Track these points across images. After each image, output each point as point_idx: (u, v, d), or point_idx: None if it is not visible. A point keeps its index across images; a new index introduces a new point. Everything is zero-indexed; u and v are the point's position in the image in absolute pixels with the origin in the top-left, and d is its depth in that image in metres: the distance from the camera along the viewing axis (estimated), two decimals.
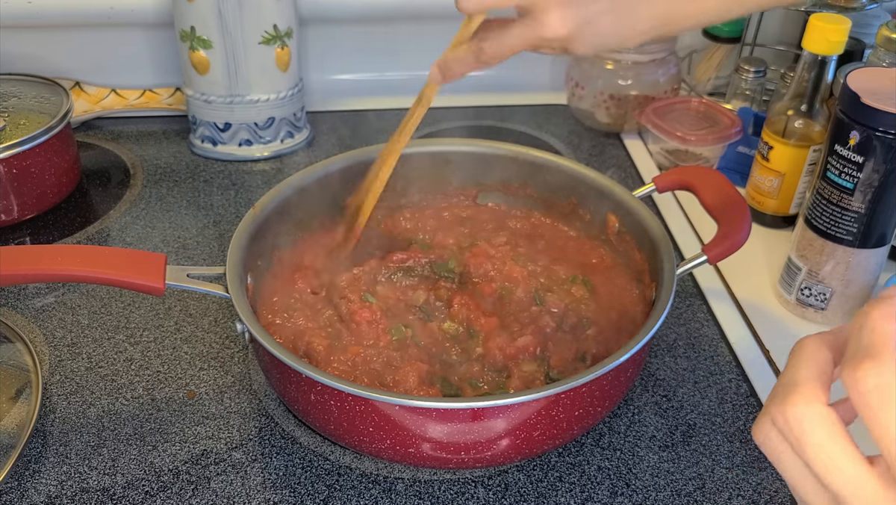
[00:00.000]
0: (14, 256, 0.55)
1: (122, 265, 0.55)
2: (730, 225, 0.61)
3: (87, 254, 0.56)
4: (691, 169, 0.67)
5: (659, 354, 0.67)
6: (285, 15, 0.88)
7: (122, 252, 0.57)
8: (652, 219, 0.64)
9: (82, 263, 0.55)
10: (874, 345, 0.30)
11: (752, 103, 0.93)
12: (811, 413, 0.31)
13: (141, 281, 0.55)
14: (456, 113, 1.03)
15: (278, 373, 0.55)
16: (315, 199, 0.70)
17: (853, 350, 0.31)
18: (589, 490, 0.56)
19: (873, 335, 0.30)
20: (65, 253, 0.56)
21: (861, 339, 0.31)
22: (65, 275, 0.55)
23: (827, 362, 0.33)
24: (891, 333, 0.30)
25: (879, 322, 0.31)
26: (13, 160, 0.78)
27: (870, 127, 0.60)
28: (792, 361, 0.34)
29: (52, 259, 0.55)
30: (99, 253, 0.57)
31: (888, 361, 0.29)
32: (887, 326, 0.30)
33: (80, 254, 0.56)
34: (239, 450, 0.58)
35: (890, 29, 0.78)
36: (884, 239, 0.66)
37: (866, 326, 0.31)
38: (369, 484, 0.56)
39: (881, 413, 0.29)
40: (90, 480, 0.55)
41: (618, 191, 0.67)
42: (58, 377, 0.64)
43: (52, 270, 0.55)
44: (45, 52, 1.00)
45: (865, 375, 0.29)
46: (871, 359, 0.29)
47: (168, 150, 0.96)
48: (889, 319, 0.31)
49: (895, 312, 0.31)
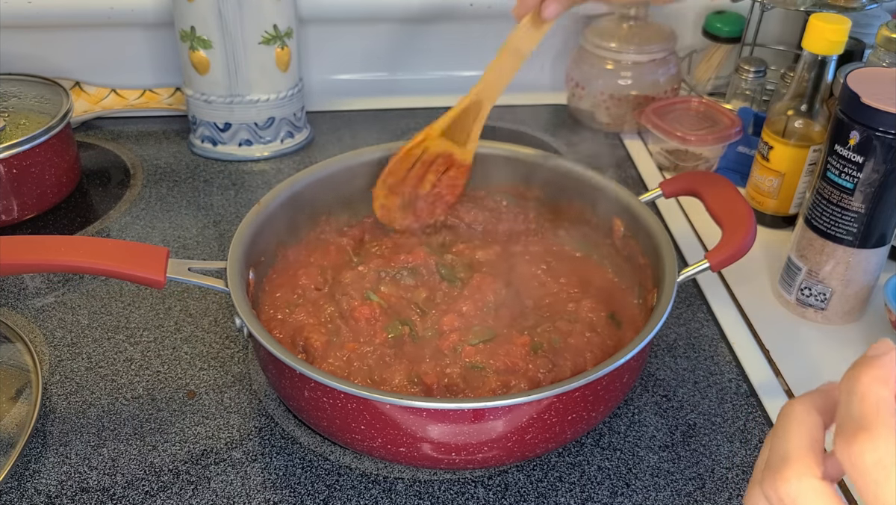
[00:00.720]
0: (16, 245, 0.55)
1: (123, 257, 0.55)
2: (734, 232, 0.60)
3: (89, 245, 0.56)
4: (698, 175, 0.67)
5: (659, 354, 0.67)
6: (285, 15, 0.88)
7: (125, 244, 0.57)
8: (657, 225, 0.63)
9: (84, 253, 0.55)
10: (866, 415, 0.28)
11: (752, 103, 0.93)
12: (805, 489, 0.29)
13: (142, 273, 0.55)
14: None
15: (274, 369, 0.55)
16: (320, 197, 0.70)
17: (845, 419, 0.29)
18: (589, 490, 0.56)
19: (864, 404, 0.29)
20: (67, 244, 0.56)
21: (851, 406, 0.29)
22: (67, 265, 0.55)
23: (817, 428, 0.31)
24: (882, 398, 0.28)
25: (870, 387, 0.29)
26: (13, 160, 0.78)
27: (870, 127, 0.60)
28: (781, 427, 0.32)
29: (54, 249, 0.55)
30: (101, 244, 0.57)
31: (884, 433, 0.27)
32: (877, 391, 0.29)
33: (83, 245, 0.56)
34: (239, 449, 0.58)
35: (890, 29, 0.78)
36: (884, 239, 0.66)
37: (856, 393, 0.29)
38: (369, 484, 0.56)
39: (881, 490, 0.27)
40: (90, 480, 0.55)
41: (624, 195, 0.67)
42: (58, 377, 0.64)
43: (54, 260, 0.55)
44: (45, 52, 1.00)
45: (862, 450, 0.28)
46: (866, 431, 0.28)
47: (168, 150, 0.96)
48: (878, 382, 0.29)
49: (885, 374, 0.29)
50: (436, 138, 0.69)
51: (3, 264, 0.53)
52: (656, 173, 0.93)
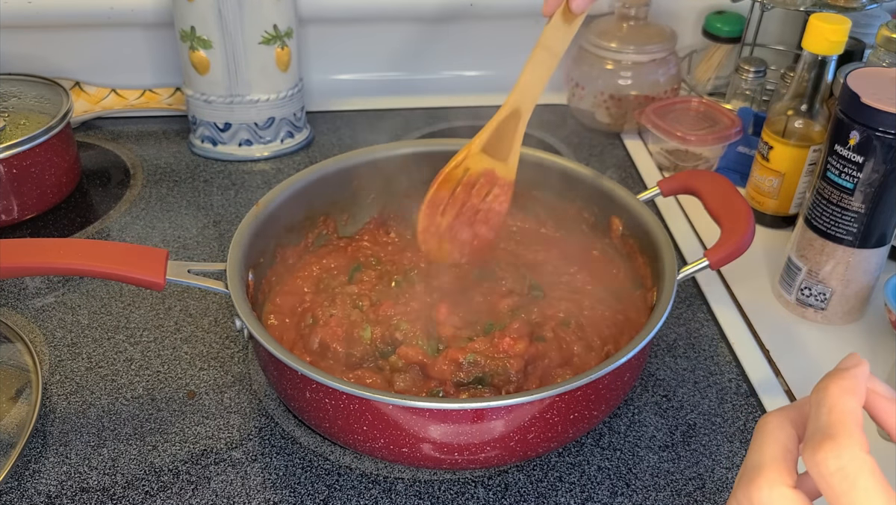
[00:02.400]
0: (15, 248, 0.55)
1: (122, 260, 0.55)
2: (733, 230, 0.60)
3: (88, 248, 0.56)
4: (696, 173, 0.67)
5: (659, 353, 0.67)
6: (285, 15, 0.88)
7: (124, 246, 0.57)
8: (655, 223, 0.63)
9: (83, 256, 0.55)
10: (832, 424, 0.29)
11: (752, 103, 0.93)
12: (776, 497, 0.30)
13: (141, 276, 0.55)
14: (456, 113, 1.03)
15: (275, 370, 0.55)
16: (320, 198, 0.70)
17: (812, 430, 0.30)
18: (589, 490, 0.56)
19: (831, 414, 0.30)
20: (66, 247, 0.56)
21: (819, 417, 0.30)
22: (66, 268, 0.55)
23: (791, 440, 0.32)
24: (849, 409, 0.29)
25: (837, 398, 0.30)
26: (13, 160, 0.78)
27: (870, 127, 0.60)
28: (756, 440, 0.33)
29: (53, 252, 0.55)
30: (100, 247, 0.57)
31: (847, 442, 0.28)
32: (845, 402, 0.30)
33: (82, 248, 0.56)
34: (239, 449, 0.58)
35: (890, 29, 0.78)
36: (884, 239, 0.66)
37: (824, 404, 0.30)
38: (369, 484, 0.56)
39: (844, 497, 0.28)
40: (90, 480, 0.55)
41: (622, 194, 0.67)
42: (58, 377, 0.64)
43: (53, 263, 0.55)
44: (45, 52, 1.00)
45: (826, 457, 0.28)
46: (831, 440, 0.29)
47: (168, 150, 0.96)
48: (847, 393, 0.30)
49: (852, 385, 0.30)
50: (476, 155, 0.63)
51: (2, 267, 0.53)
52: (656, 173, 0.93)
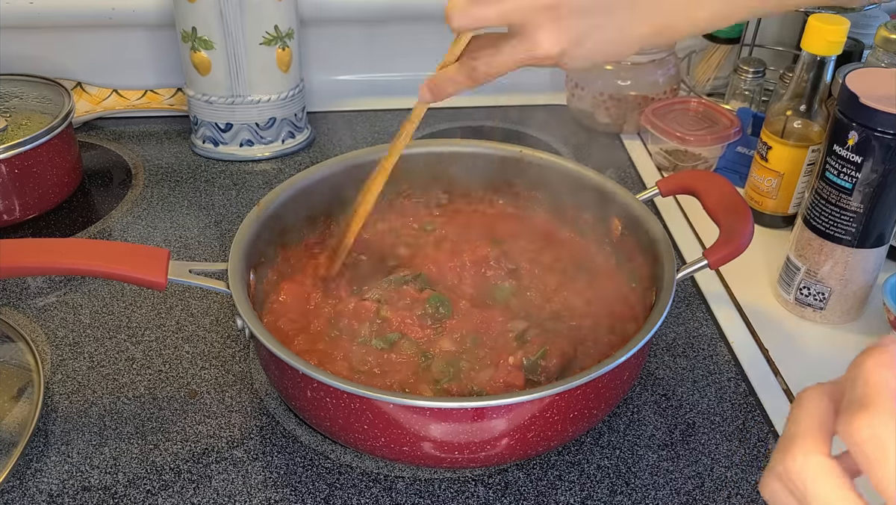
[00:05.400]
0: (17, 248, 0.55)
1: (124, 259, 0.55)
2: (732, 230, 0.61)
3: (90, 247, 0.56)
4: (695, 173, 0.67)
5: (658, 353, 0.68)
6: (286, 16, 0.89)
7: (125, 246, 0.57)
8: (655, 223, 0.63)
9: (85, 256, 0.55)
10: (867, 395, 0.30)
11: (750, 104, 0.94)
12: (812, 465, 0.31)
13: (143, 276, 0.55)
14: (456, 113, 1.04)
15: (276, 369, 0.56)
16: (321, 199, 0.70)
17: (848, 401, 0.31)
18: (588, 489, 0.56)
19: (867, 386, 0.30)
20: (68, 246, 0.56)
21: (855, 389, 0.30)
22: (68, 268, 0.55)
23: (827, 413, 0.33)
24: (884, 381, 0.30)
25: (873, 371, 0.30)
26: (15, 160, 0.79)
27: (868, 127, 0.60)
28: (793, 413, 0.34)
29: (55, 252, 0.55)
30: (102, 247, 0.57)
31: (882, 410, 0.29)
32: (881, 374, 0.30)
33: (83, 248, 0.56)
34: (240, 448, 0.58)
35: (888, 29, 0.78)
36: (882, 239, 0.66)
37: (860, 377, 0.31)
38: (370, 482, 0.56)
39: (878, 464, 0.28)
40: (92, 479, 0.56)
41: (621, 194, 0.67)
42: (59, 376, 0.64)
43: (55, 263, 0.55)
44: (46, 52, 1.00)
45: (860, 426, 0.29)
46: (865, 410, 0.29)
47: (169, 150, 0.96)
48: (882, 367, 0.30)
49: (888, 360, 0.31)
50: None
51: (4, 267, 0.53)
52: (656, 174, 0.93)
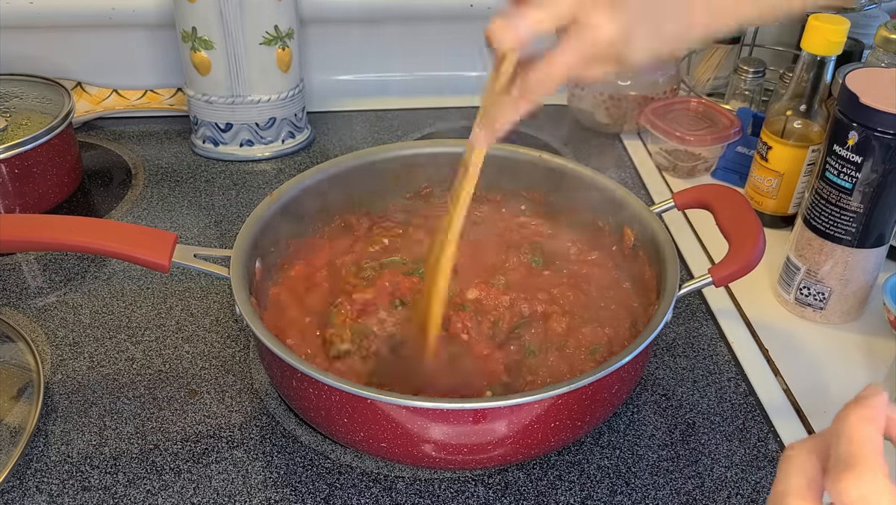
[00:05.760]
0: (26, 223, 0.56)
1: (131, 239, 0.56)
2: (741, 248, 0.58)
3: (97, 226, 0.57)
4: (712, 188, 0.65)
5: (658, 353, 0.68)
6: (286, 16, 0.89)
7: (133, 228, 0.58)
8: (665, 237, 0.62)
9: (92, 233, 0.56)
10: (852, 454, 0.30)
11: (750, 104, 0.94)
12: None
13: (147, 256, 0.56)
14: (455, 113, 1.04)
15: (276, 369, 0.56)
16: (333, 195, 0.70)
17: (834, 459, 0.31)
18: (588, 489, 0.56)
19: (851, 443, 0.30)
20: (77, 223, 0.57)
21: (840, 447, 0.31)
22: (74, 244, 0.55)
23: (815, 470, 0.33)
24: (867, 436, 0.30)
25: (856, 427, 0.31)
26: (15, 160, 0.79)
27: (868, 127, 0.60)
28: (781, 471, 0.34)
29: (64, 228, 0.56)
30: (109, 226, 0.58)
31: (867, 470, 0.29)
32: (864, 430, 0.30)
33: (92, 225, 0.57)
34: (240, 448, 0.58)
35: (888, 29, 0.78)
36: (882, 239, 0.66)
37: (844, 434, 0.31)
38: (370, 482, 0.56)
39: None
40: (92, 479, 0.56)
41: (635, 204, 0.66)
42: (59, 376, 0.64)
43: (62, 239, 0.55)
44: (46, 52, 1.00)
45: (847, 487, 0.29)
46: (850, 470, 0.29)
47: (169, 150, 0.96)
48: (865, 421, 0.31)
49: (871, 414, 0.31)
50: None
51: (14, 240, 0.54)
52: (656, 174, 0.93)
